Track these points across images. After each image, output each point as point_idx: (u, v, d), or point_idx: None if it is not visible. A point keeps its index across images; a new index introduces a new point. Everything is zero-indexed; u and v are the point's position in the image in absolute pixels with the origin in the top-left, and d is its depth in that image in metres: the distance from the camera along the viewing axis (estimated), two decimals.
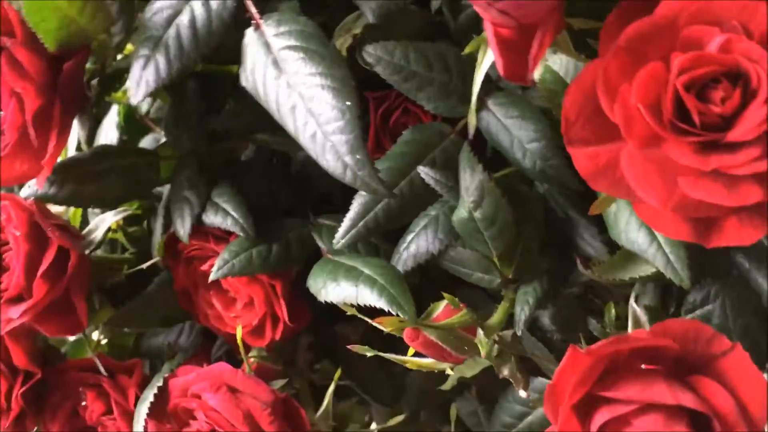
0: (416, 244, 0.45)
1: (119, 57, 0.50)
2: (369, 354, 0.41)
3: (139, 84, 0.41)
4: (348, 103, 0.33)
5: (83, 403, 0.53)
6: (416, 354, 0.42)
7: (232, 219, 0.46)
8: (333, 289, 0.41)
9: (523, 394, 0.41)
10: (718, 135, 0.30)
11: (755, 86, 0.30)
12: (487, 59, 0.37)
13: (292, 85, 0.35)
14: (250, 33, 0.38)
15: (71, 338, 0.61)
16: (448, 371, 0.42)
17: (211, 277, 0.46)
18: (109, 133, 0.59)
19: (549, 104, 0.38)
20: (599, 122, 0.33)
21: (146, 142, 0.59)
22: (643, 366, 0.35)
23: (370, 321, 0.40)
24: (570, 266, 0.44)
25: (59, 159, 0.48)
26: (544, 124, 0.39)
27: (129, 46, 0.48)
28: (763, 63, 0.29)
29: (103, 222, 0.52)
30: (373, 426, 0.61)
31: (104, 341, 0.62)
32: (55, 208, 0.52)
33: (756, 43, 0.29)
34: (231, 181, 0.48)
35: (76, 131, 0.51)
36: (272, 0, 0.41)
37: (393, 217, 0.41)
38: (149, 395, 0.47)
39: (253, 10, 0.38)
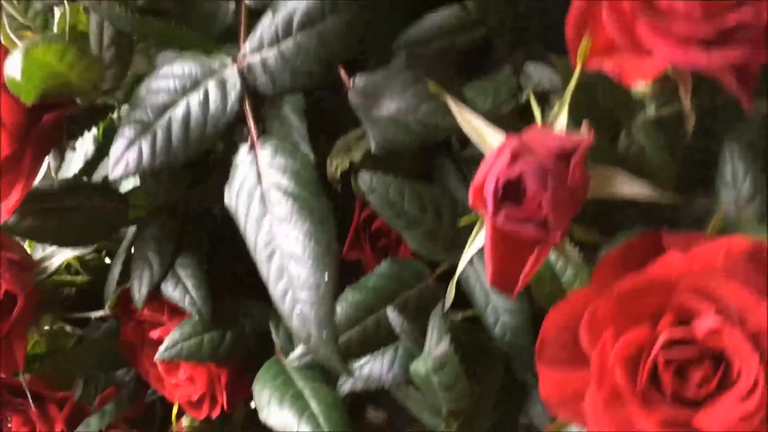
0: (370, 368, 0.44)
1: None
2: None
3: (119, 162, 0.38)
4: (326, 275, 0.31)
5: (9, 425, 0.53)
6: None
7: (190, 299, 0.45)
8: (276, 413, 0.40)
9: None
10: (686, 415, 0.29)
11: (734, 378, 0.29)
12: (479, 239, 0.35)
13: (274, 232, 0.33)
14: (243, 152, 0.36)
15: None
16: None
17: (157, 357, 0.44)
18: (84, 143, 0.56)
19: (535, 291, 0.37)
20: (575, 351, 0.32)
21: None
22: None
23: None
24: (513, 428, 0.43)
25: None
26: (524, 301, 0.38)
27: None
28: (750, 360, 0.28)
29: (60, 252, 0.50)
30: None
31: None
32: None
33: (748, 340, 0.29)
34: (199, 247, 0.47)
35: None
36: (274, 104, 0.39)
37: (351, 353, 0.40)
38: None
39: (252, 126, 0.36)
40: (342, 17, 0.34)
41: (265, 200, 0.35)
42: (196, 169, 0.46)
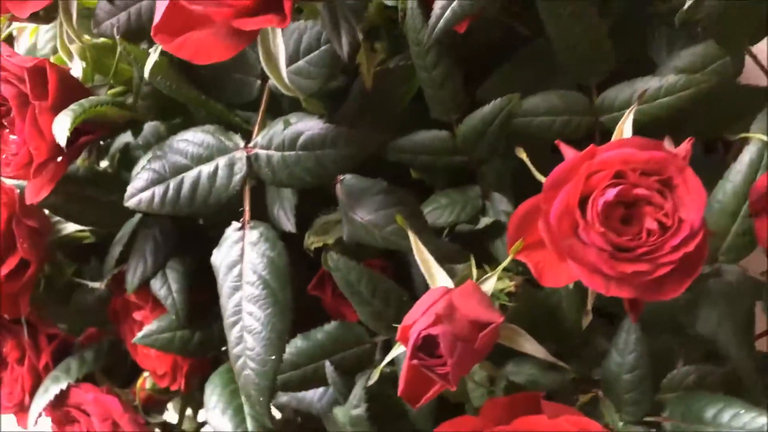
0: (305, 392, 0.52)
1: None
2: None
3: (133, 197, 0.46)
4: (273, 357, 0.39)
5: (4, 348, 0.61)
6: None
7: (172, 300, 0.53)
8: (217, 417, 0.49)
9: None
10: None
11: None
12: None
13: (242, 306, 0.41)
14: (235, 228, 0.43)
15: None
16: None
17: (133, 341, 0.53)
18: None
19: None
20: None
21: None
22: None
23: None
24: None
25: None
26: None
27: None
28: None
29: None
30: None
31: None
32: None
33: None
34: (189, 254, 0.54)
35: None
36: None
37: (290, 388, 0.49)
38: (52, 391, 0.55)
39: (247, 209, 0.43)
40: (340, 152, 0.40)
41: (242, 276, 0.42)
42: None
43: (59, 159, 0.48)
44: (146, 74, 0.39)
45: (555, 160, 0.38)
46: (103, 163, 0.58)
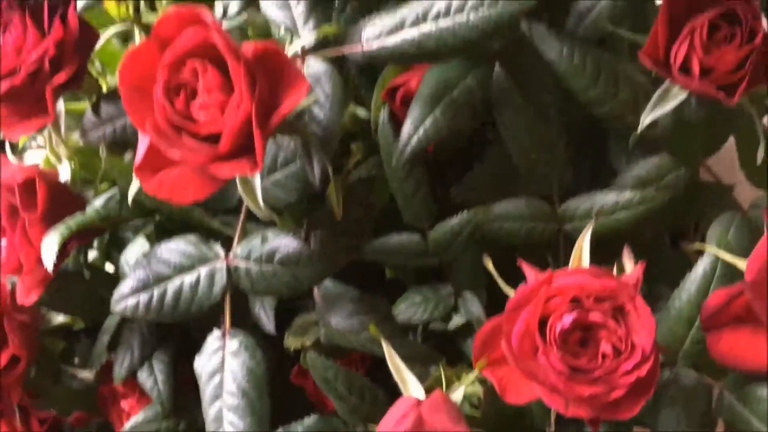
0: None
1: None
2: None
3: (119, 304, 0.48)
4: None
5: None
6: None
7: (158, 391, 0.54)
8: None
9: None
10: None
11: None
12: None
13: (223, 414, 0.44)
14: (216, 336, 0.45)
15: None
16: None
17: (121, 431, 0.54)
18: None
19: None
20: None
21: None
22: None
23: None
24: None
25: None
26: None
27: None
28: None
29: None
30: None
31: None
32: None
33: None
34: (173, 346, 0.56)
35: None
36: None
37: None
38: None
39: (227, 318, 0.45)
40: (314, 268, 0.43)
41: (222, 386, 0.44)
42: None
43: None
44: (130, 199, 0.41)
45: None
46: (92, 253, 0.60)
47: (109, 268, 0.60)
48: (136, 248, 0.56)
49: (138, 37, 0.44)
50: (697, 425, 0.45)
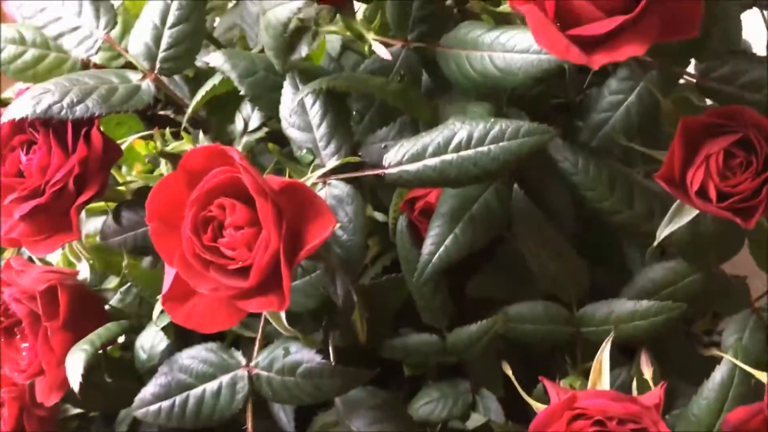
0: None
1: None
2: None
3: (141, 407, 0.48)
4: None
5: None
6: None
7: None
8: None
9: None
10: None
11: None
12: None
13: None
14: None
15: None
16: None
17: None
18: None
19: None
20: None
21: None
22: None
23: None
24: None
25: None
26: None
27: None
28: None
29: None
30: None
31: None
32: None
33: None
34: None
35: None
36: None
37: None
38: None
39: (250, 427, 0.45)
40: (336, 381, 0.43)
41: None
42: None
43: None
44: (154, 318, 0.41)
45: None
46: None
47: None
48: (150, 334, 0.57)
49: (165, 168, 0.45)
50: None
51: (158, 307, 0.42)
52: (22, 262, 0.52)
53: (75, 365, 0.44)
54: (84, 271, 0.54)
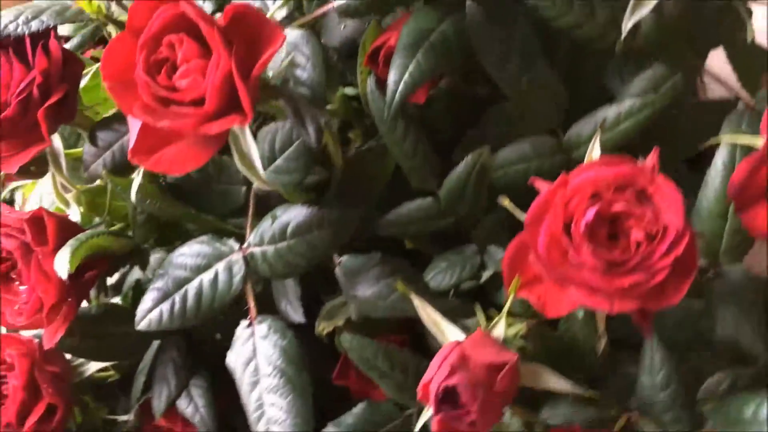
0: None
1: None
2: None
3: (143, 319, 0.47)
4: None
5: None
6: None
7: (200, 416, 0.53)
8: None
9: None
10: None
11: None
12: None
13: (264, 399, 0.42)
14: (243, 326, 0.44)
15: None
16: None
17: None
18: None
19: None
20: None
21: None
22: None
23: None
24: None
25: None
26: None
27: None
28: None
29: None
30: None
31: None
32: None
33: None
34: (209, 369, 0.55)
35: None
36: None
37: None
38: None
39: (252, 305, 0.44)
40: (327, 231, 0.42)
41: (258, 370, 0.43)
42: None
43: (69, 300, 0.49)
44: (132, 197, 0.41)
45: None
46: (116, 300, 0.60)
47: None
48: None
49: (114, 33, 0.45)
50: (756, 322, 0.43)
51: (135, 183, 0.41)
52: (9, 208, 0.52)
53: (62, 257, 0.43)
54: (74, 215, 0.54)
